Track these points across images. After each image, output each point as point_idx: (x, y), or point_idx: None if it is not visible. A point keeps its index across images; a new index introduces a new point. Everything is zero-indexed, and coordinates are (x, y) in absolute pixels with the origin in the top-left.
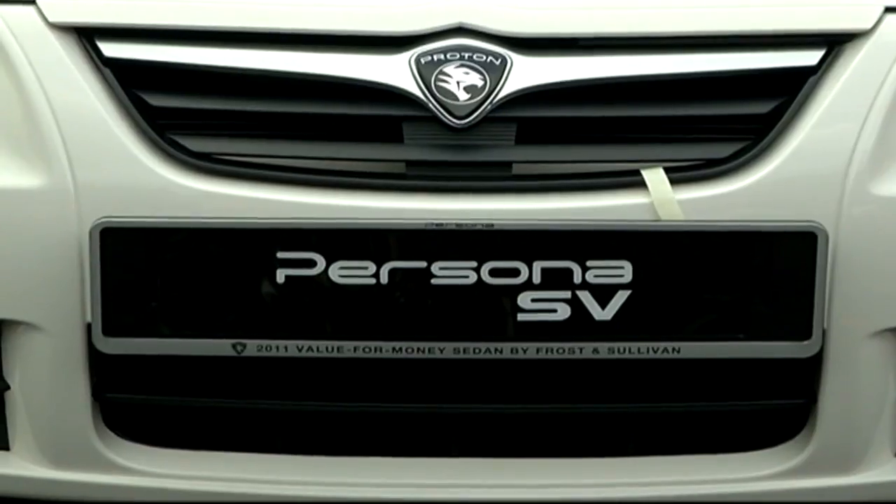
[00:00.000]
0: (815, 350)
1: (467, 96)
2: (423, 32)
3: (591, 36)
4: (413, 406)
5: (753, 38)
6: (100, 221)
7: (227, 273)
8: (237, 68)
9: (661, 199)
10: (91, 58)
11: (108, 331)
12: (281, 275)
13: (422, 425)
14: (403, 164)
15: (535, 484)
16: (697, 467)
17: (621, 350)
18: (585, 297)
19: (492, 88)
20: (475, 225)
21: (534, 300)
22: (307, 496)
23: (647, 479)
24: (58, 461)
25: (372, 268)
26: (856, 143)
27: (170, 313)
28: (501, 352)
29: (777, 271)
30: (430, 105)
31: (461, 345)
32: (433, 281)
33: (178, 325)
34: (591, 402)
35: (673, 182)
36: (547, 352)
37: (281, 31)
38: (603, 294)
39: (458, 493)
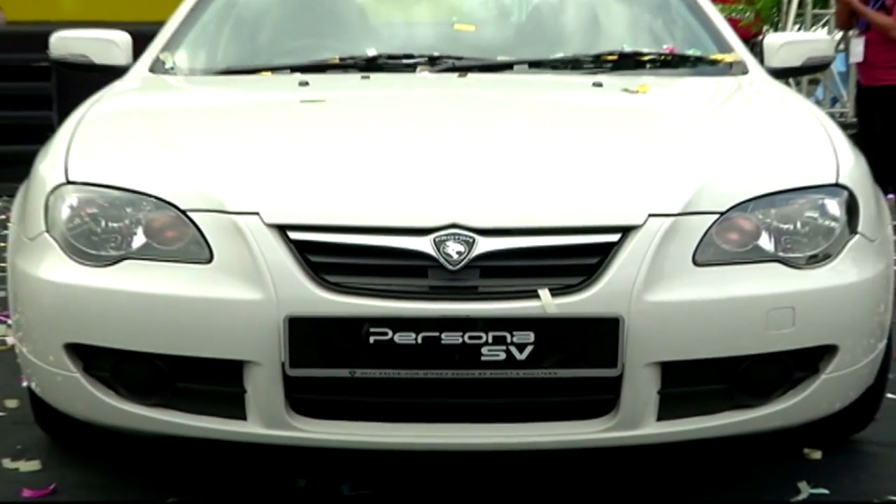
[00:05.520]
0: (619, 373)
1: (458, 257)
2: (436, 226)
3: (517, 227)
4: (433, 399)
5: (589, 228)
6: (288, 314)
7: (347, 337)
8: (349, 243)
9: (546, 303)
10: (284, 239)
11: (293, 365)
12: (371, 338)
13: (437, 408)
14: (427, 287)
15: (486, 435)
16: (563, 427)
17: (529, 374)
18: (512, 348)
19: (468, 252)
20: (461, 315)
21: (488, 350)
22: (388, 443)
23: (538, 432)
24: (269, 426)
25: (414, 336)
26: (636, 276)
27: (321, 356)
28: (474, 375)
29: (600, 335)
30: (441, 261)
31: (455, 371)
32: (442, 342)
33: (325, 362)
34: (513, 396)
35: (553, 294)
36: (493, 374)
37: (369, 226)
38: (520, 347)
39: (449, 440)
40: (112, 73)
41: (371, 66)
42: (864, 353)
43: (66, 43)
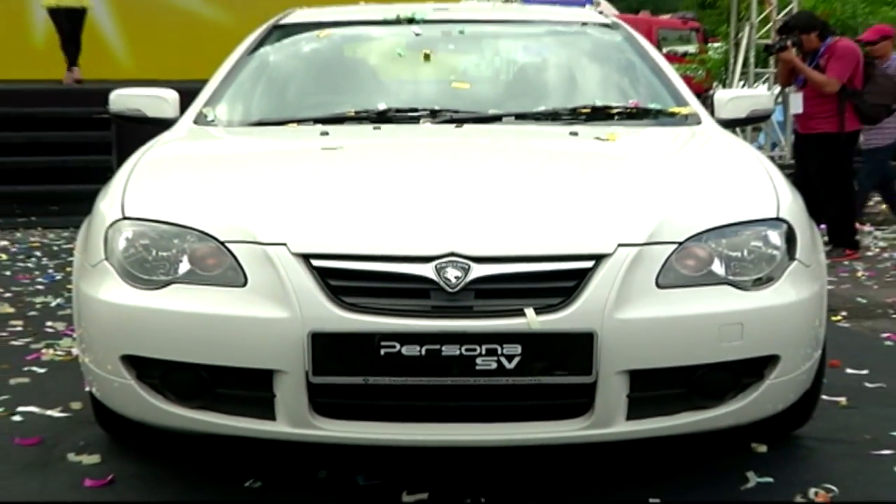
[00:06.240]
0: (594, 380)
1: (456, 280)
2: (437, 255)
3: (504, 255)
4: (435, 402)
5: (567, 256)
6: (311, 330)
7: (361, 349)
8: (363, 269)
9: (531, 320)
10: (308, 265)
11: (315, 373)
12: (382, 351)
13: (439, 410)
14: (430, 307)
15: (481, 433)
16: (546, 426)
17: (516, 381)
18: (502, 359)
19: (464, 277)
20: (458, 331)
21: (482, 360)
22: (397, 440)
23: (525, 430)
24: (294, 425)
25: (418, 348)
26: (608, 297)
27: (339, 366)
28: (469, 381)
29: (577, 347)
30: (441, 284)
31: (454, 378)
32: (442, 353)
33: (342, 370)
34: (504, 400)
35: (537, 313)
36: (486, 381)
37: (381, 255)
38: (509, 358)
39: (449, 437)
40: (162, 125)
41: (382, 118)
42: (802, 362)
43: (123, 99)
